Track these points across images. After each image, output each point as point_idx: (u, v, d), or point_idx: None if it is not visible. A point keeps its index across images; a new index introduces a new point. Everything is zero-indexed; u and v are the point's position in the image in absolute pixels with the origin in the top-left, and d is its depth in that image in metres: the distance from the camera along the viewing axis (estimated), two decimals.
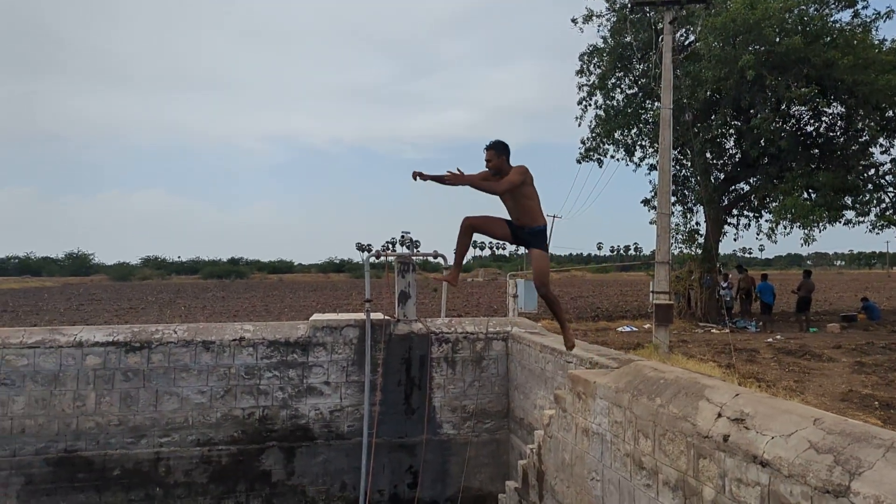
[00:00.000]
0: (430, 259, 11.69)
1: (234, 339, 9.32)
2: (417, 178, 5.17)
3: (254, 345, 9.36)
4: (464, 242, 5.47)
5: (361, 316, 9.80)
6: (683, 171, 23.25)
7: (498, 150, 5.23)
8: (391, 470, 9.58)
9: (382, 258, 11.31)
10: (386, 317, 10.01)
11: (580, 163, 23.57)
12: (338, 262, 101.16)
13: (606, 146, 23.02)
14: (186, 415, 9.08)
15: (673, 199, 19.64)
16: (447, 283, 5.71)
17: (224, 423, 9.17)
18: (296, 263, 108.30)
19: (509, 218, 5.43)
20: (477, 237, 5.87)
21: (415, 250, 10.31)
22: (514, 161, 5.31)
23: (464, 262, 6.24)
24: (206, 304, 35.37)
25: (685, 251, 22.07)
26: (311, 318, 10.05)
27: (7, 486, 8.54)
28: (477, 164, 5.36)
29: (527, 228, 5.34)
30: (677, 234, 21.49)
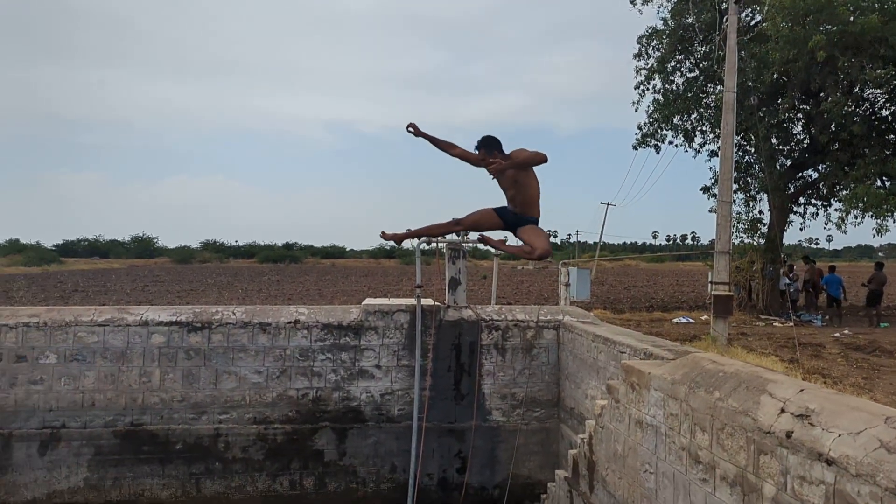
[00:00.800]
0: (480, 246, 11.64)
1: (290, 322, 9.55)
2: (411, 129, 5.24)
3: (308, 327, 9.57)
4: (435, 231, 5.44)
5: (412, 301, 9.86)
6: (746, 157, 22.37)
7: (489, 149, 5.13)
8: (440, 454, 9.66)
9: (433, 244, 11.34)
10: (436, 303, 10.06)
11: (636, 149, 23.07)
12: (388, 248, 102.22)
13: (664, 132, 22.42)
14: (244, 394, 9.38)
15: (735, 186, 18.92)
16: (391, 238, 5.66)
17: (279, 403, 9.44)
18: (348, 249, 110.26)
19: (500, 207, 5.38)
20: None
21: (465, 237, 10.27)
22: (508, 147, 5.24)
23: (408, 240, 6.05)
24: (261, 287, 36.43)
25: (747, 241, 21.31)
26: (363, 303, 10.20)
27: (78, 455, 9.05)
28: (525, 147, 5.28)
29: (522, 216, 5.31)
30: (738, 222, 20.75)
